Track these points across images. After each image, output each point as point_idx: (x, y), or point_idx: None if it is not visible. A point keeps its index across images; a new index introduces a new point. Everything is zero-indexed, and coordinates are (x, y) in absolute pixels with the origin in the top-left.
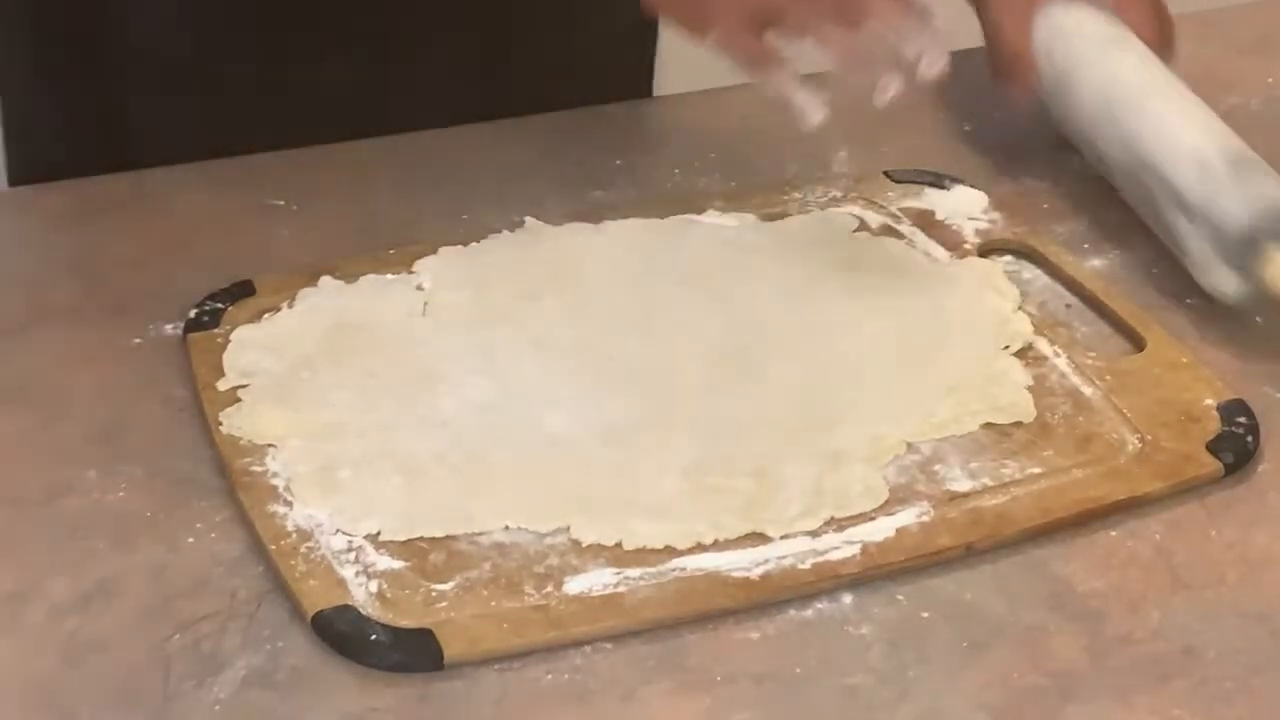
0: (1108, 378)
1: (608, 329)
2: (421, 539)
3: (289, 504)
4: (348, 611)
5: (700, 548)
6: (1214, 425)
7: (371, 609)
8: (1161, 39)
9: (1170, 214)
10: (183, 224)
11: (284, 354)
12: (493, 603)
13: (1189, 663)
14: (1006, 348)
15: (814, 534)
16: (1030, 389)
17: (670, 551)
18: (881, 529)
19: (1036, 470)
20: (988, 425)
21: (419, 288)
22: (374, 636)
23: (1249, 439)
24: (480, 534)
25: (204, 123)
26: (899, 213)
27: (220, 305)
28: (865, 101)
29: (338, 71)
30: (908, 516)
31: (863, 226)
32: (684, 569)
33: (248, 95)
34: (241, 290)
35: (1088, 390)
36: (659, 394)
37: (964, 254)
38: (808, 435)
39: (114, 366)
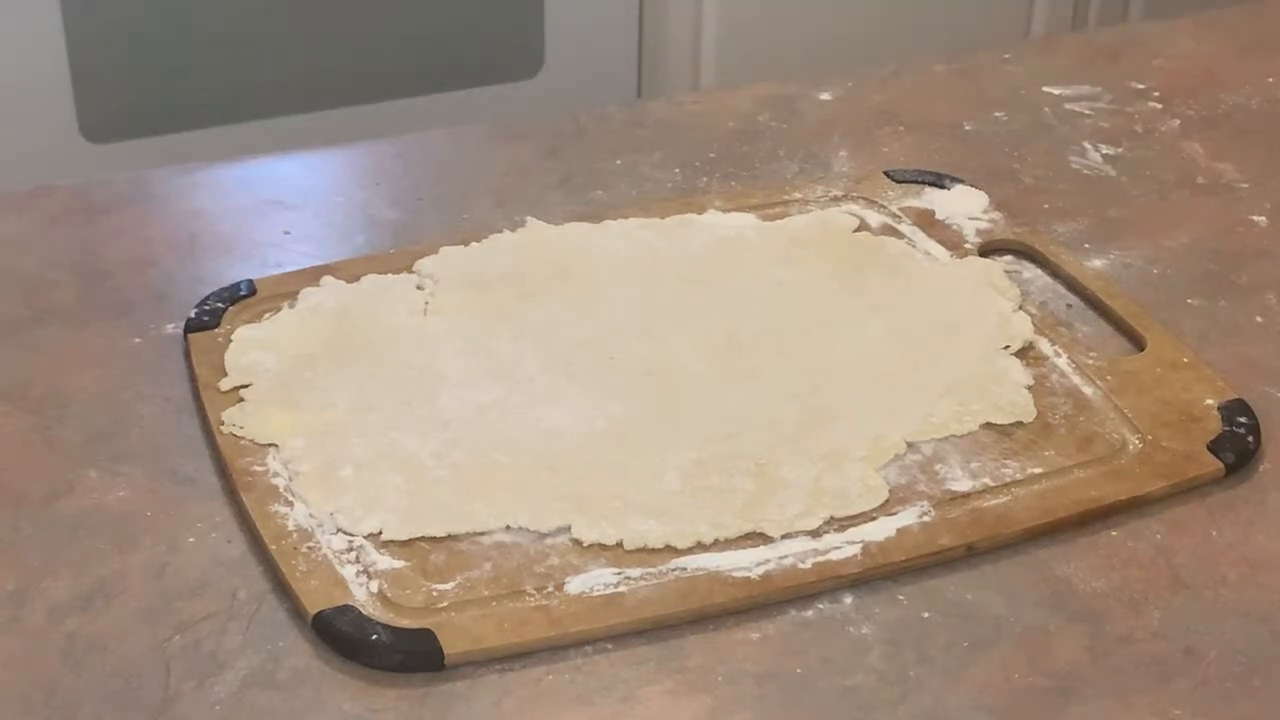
0: (1108, 378)
1: (608, 329)
2: (422, 539)
3: (290, 504)
4: (348, 611)
5: (700, 547)
6: (1215, 425)
7: (372, 609)
8: None
9: None
10: (183, 224)
11: (285, 354)
12: (494, 603)
13: (1190, 663)
14: (1007, 347)
15: (814, 534)
16: (1030, 389)
17: (670, 551)
18: (882, 529)
19: (1037, 470)
20: (988, 425)
21: (419, 288)
22: (375, 636)
23: (1250, 439)
24: (481, 534)
25: None
26: (899, 212)
27: (220, 305)
28: (865, 101)
29: None
30: (908, 516)
31: (863, 226)
32: (684, 569)
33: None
34: (241, 290)
35: (1088, 390)
36: (659, 394)
37: (964, 254)
38: (808, 435)
39: (114, 366)
